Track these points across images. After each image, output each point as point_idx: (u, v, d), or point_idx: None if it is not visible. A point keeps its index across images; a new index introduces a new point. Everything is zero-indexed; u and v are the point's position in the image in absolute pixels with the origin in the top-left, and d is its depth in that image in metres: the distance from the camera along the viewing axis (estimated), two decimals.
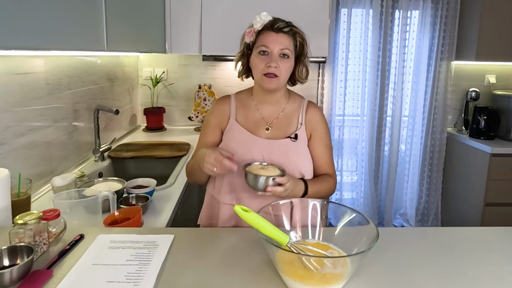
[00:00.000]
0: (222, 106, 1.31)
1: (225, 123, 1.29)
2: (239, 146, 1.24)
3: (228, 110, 1.30)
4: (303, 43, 1.23)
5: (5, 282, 0.80)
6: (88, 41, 1.35)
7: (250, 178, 1.11)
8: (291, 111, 1.30)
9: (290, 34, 1.20)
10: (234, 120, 1.28)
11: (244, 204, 1.22)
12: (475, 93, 2.95)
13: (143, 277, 0.84)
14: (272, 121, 1.28)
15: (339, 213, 0.97)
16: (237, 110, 1.30)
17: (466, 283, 0.86)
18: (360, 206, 3.16)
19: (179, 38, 2.37)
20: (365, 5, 2.88)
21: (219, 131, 1.31)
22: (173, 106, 2.92)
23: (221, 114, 1.30)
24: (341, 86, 3.00)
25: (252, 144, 1.24)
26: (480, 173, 2.69)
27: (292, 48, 1.21)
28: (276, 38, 1.18)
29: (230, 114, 1.29)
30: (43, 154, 1.52)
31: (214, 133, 1.31)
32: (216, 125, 1.31)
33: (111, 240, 1.01)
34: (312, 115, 1.29)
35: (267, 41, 1.18)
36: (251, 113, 1.29)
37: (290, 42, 1.20)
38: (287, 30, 1.19)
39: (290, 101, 1.31)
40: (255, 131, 1.27)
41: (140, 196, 1.41)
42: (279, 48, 1.18)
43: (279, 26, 1.19)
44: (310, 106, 1.31)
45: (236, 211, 0.86)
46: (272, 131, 1.27)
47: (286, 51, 1.19)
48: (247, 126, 1.27)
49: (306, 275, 0.78)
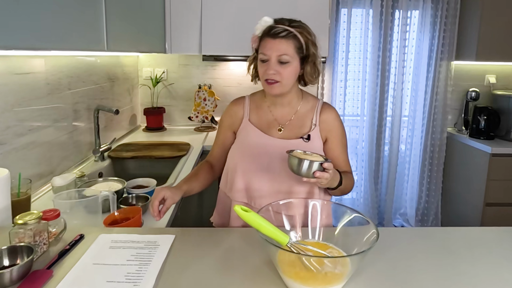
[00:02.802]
0: (236, 107, 1.34)
1: (238, 124, 1.32)
2: (252, 145, 1.26)
3: (242, 111, 1.33)
4: (308, 42, 1.19)
5: (5, 282, 0.80)
6: (88, 41, 1.35)
7: (295, 163, 1.07)
8: (304, 112, 1.30)
9: (290, 37, 1.16)
10: (248, 120, 1.31)
11: (256, 203, 1.23)
12: (475, 93, 2.95)
13: (143, 277, 0.84)
14: (285, 122, 1.29)
15: (339, 213, 0.97)
16: (250, 110, 1.32)
17: (466, 283, 0.86)
18: (360, 206, 3.16)
19: (179, 38, 2.37)
20: (365, 5, 2.88)
21: (231, 131, 1.35)
22: (173, 106, 2.92)
23: (234, 115, 1.33)
24: (341, 86, 3.00)
25: (264, 144, 1.26)
26: (480, 173, 2.69)
27: (293, 51, 1.17)
28: (273, 45, 1.16)
29: (244, 115, 1.32)
30: (43, 154, 1.52)
31: (226, 134, 1.35)
32: (229, 126, 1.34)
33: (112, 240, 1.01)
34: (327, 116, 1.28)
35: (265, 48, 1.18)
36: (264, 114, 1.31)
37: (290, 46, 1.16)
38: (284, 34, 1.16)
39: (303, 102, 1.31)
40: (267, 131, 1.28)
41: (140, 196, 1.41)
42: (276, 54, 1.16)
43: (276, 32, 1.16)
44: (325, 107, 1.31)
45: (236, 211, 0.86)
46: (285, 131, 1.28)
47: (284, 57, 1.16)
48: (260, 126, 1.29)
49: (306, 275, 0.78)
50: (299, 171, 1.07)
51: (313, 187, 1.25)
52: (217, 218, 1.40)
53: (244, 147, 1.27)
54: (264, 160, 1.24)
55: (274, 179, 1.22)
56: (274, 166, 1.23)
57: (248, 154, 1.25)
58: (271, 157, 1.23)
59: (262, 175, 1.23)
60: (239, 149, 1.29)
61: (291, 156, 1.08)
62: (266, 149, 1.25)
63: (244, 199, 1.26)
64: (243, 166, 1.24)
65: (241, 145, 1.29)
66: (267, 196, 1.21)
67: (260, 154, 1.24)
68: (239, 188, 1.25)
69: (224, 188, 1.34)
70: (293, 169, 1.08)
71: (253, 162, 1.24)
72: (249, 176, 1.24)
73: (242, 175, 1.25)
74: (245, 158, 1.25)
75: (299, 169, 1.06)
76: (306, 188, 1.24)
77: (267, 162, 1.23)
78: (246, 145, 1.27)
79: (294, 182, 1.21)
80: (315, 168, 1.05)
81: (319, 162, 1.05)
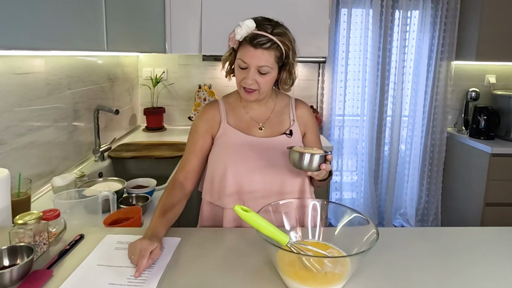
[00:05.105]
0: (211, 111, 1.28)
1: (216, 128, 1.26)
2: (238, 147, 1.23)
3: (218, 115, 1.27)
4: (289, 52, 1.17)
5: (5, 282, 0.80)
6: (88, 41, 1.35)
7: (296, 157, 1.09)
8: (280, 109, 1.31)
9: (272, 48, 1.13)
10: (226, 123, 1.26)
11: (249, 205, 1.21)
12: (475, 93, 2.95)
13: (145, 281, 0.84)
14: (264, 121, 1.28)
15: (339, 213, 0.97)
16: (227, 113, 1.28)
17: (466, 283, 0.86)
18: (360, 206, 3.16)
19: (179, 38, 2.37)
20: (365, 5, 2.88)
21: (210, 136, 1.27)
22: (173, 106, 2.92)
23: (211, 119, 1.27)
24: (341, 86, 3.00)
25: (250, 144, 1.24)
26: (480, 173, 2.69)
27: (273, 62, 1.15)
28: (254, 54, 1.12)
29: (221, 119, 1.27)
30: (43, 154, 1.52)
31: (205, 139, 1.26)
32: (207, 131, 1.26)
33: (118, 241, 1.01)
34: (303, 112, 1.32)
35: (245, 56, 1.14)
36: (241, 115, 1.29)
37: (271, 56, 1.14)
38: (267, 46, 1.12)
39: (278, 100, 1.32)
40: (248, 131, 1.26)
41: (140, 196, 1.41)
42: (256, 65, 1.13)
43: (259, 42, 1.12)
44: (299, 103, 1.34)
45: (236, 211, 0.86)
46: (266, 130, 1.27)
47: (265, 69, 1.14)
48: (240, 128, 1.26)
49: (306, 275, 0.78)
50: (301, 165, 1.09)
51: (304, 185, 1.24)
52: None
53: (230, 150, 1.22)
54: (254, 161, 1.21)
55: (265, 178, 1.20)
56: (264, 165, 1.21)
57: (237, 156, 1.21)
58: (260, 156, 1.22)
59: (254, 176, 1.20)
60: (226, 153, 1.22)
61: (293, 151, 1.10)
62: (254, 149, 1.23)
63: (236, 203, 1.21)
64: (233, 169, 1.19)
65: (226, 148, 1.23)
66: (259, 197, 1.18)
67: (249, 154, 1.21)
68: (230, 193, 1.20)
69: (210, 198, 1.26)
70: (295, 163, 1.10)
71: (243, 163, 1.20)
72: (240, 178, 1.20)
73: (233, 179, 1.20)
74: (234, 161, 1.20)
75: (301, 163, 1.08)
76: (297, 186, 1.23)
77: (256, 162, 1.21)
78: (232, 148, 1.23)
79: (285, 180, 1.21)
80: (317, 160, 1.08)
81: (320, 155, 1.08)
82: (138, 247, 0.89)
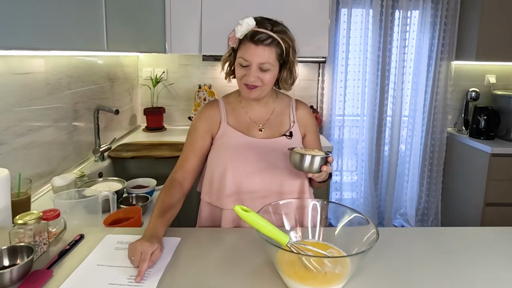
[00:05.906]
0: (211, 111, 1.27)
1: (216, 128, 1.26)
2: (238, 148, 1.23)
3: (218, 115, 1.27)
4: (289, 49, 1.17)
5: (5, 282, 0.80)
6: (88, 41, 1.35)
7: (297, 158, 1.09)
8: (280, 110, 1.31)
9: (273, 45, 1.14)
10: (226, 124, 1.26)
11: (245, 205, 1.21)
12: (475, 93, 2.95)
13: (145, 281, 0.84)
14: (264, 122, 1.28)
15: (339, 213, 0.97)
16: (227, 113, 1.28)
17: (466, 283, 0.86)
18: (360, 206, 3.16)
19: (179, 38, 2.37)
20: (365, 5, 2.88)
21: (209, 136, 1.26)
22: (173, 106, 2.92)
23: (210, 119, 1.26)
24: (341, 86, 3.00)
25: (250, 145, 1.23)
26: (480, 173, 2.69)
27: (274, 59, 1.15)
28: (255, 51, 1.13)
29: (221, 119, 1.26)
30: (43, 154, 1.52)
31: (205, 138, 1.25)
32: (206, 131, 1.26)
33: (118, 241, 1.01)
34: (303, 113, 1.32)
35: (247, 53, 1.14)
36: (241, 116, 1.28)
37: (272, 53, 1.14)
38: (268, 42, 1.13)
39: (279, 101, 1.32)
40: (248, 132, 1.26)
41: (140, 196, 1.41)
42: (258, 61, 1.13)
43: (260, 39, 1.12)
44: (299, 104, 1.34)
45: (236, 211, 0.86)
46: (266, 131, 1.27)
47: (266, 65, 1.14)
48: (240, 128, 1.26)
49: (306, 275, 0.78)
50: (302, 166, 1.09)
51: (303, 187, 1.25)
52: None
53: (230, 151, 1.22)
54: (254, 162, 1.21)
55: (265, 179, 1.21)
56: (264, 166, 1.21)
57: (237, 157, 1.21)
58: (260, 158, 1.22)
59: (253, 177, 1.20)
60: (225, 154, 1.22)
61: (294, 153, 1.10)
62: (254, 150, 1.23)
63: (236, 203, 1.21)
64: (233, 171, 1.20)
65: (226, 149, 1.23)
66: (258, 198, 1.18)
67: (249, 155, 1.22)
68: (229, 193, 1.20)
69: (209, 199, 1.26)
70: (296, 165, 1.10)
71: (243, 165, 1.20)
72: (240, 179, 1.20)
73: (232, 179, 1.20)
74: (234, 162, 1.20)
75: (302, 165, 1.08)
76: (297, 188, 1.23)
77: (256, 163, 1.21)
78: (232, 149, 1.22)
79: (284, 182, 1.21)
80: (318, 162, 1.08)
81: (321, 157, 1.08)
82: (138, 249, 0.89)
